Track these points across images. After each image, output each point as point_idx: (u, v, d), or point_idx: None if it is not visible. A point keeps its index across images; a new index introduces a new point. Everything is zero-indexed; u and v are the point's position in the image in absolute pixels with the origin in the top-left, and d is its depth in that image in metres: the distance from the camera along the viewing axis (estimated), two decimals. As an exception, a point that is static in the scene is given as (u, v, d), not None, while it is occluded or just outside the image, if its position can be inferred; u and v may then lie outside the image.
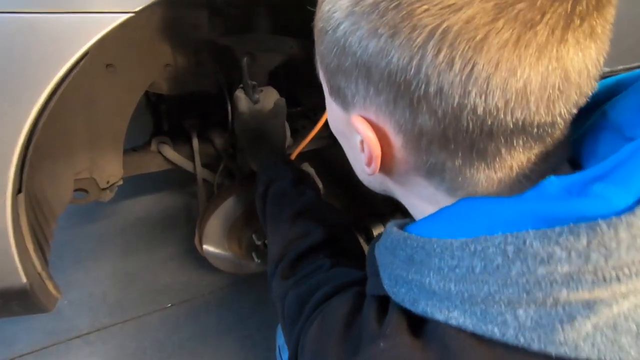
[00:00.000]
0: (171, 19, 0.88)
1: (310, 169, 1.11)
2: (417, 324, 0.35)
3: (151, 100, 1.23)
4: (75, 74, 0.53)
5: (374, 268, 0.43)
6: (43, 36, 0.49)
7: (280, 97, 0.97)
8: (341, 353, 0.39)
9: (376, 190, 0.48)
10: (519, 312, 0.30)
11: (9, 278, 0.64)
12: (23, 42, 0.49)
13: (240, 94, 0.95)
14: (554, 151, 0.34)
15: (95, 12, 0.49)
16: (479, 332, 0.31)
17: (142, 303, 1.41)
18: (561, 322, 0.29)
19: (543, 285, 0.29)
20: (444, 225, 0.36)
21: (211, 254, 1.23)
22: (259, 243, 1.13)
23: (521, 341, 0.30)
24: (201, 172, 1.18)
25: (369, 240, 1.24)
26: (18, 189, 0.60)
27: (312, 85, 0.41)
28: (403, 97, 0.32)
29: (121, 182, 1.06)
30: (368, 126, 0.36)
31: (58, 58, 0.51)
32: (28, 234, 0.65)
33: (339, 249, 0.65)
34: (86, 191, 1.01)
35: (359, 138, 0.38)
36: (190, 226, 1.61)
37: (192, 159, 1.16)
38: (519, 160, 0.34)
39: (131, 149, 1.13)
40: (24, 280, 0.65)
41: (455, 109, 0.30)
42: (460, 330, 0.32)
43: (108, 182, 1.02)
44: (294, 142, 1.13)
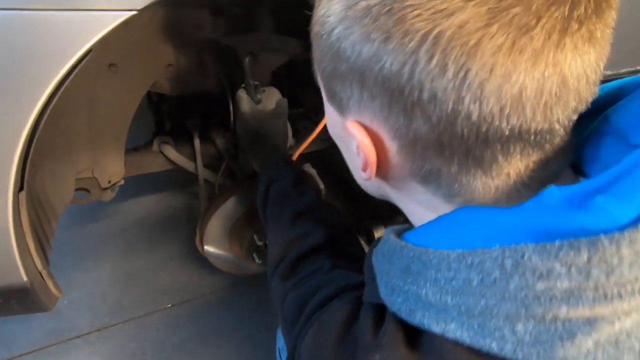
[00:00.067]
0: (174, 18, 0.88)
1: (311, 169, 1.11)
2: (414, 335, 0.35)
3: (153, 100, 1.23)
4: (77, 72, 0.53)
5: (371, 274, 0.42)
6: (46, 33, 0.49)
7: (282, 97, 0.97)
8: None
9: (374, 195, 0.47)
10: (518, 327, 0.29)
11: (9, 276, 0.64)
12: (25, 39, 0.49)
13: (242, 93, 0.95)
14: (554, 158, 0.34)
15: (98, 10, 0.49)
16: (476, 345, 0.31)
17: (142, 303, 1.40)
18: (561, 339, 0.28)
19: (542, 301, 0.28)
20: (441, 235, 0.36)
21: (212, 254, 1.23)
22: (260, 244, 1.13)
23: (520, 356, 0.29)
24: (203, 172, 1.18)
25: (370, 241, 1.24)
26: (20, 187, 0.60)
27: (314, 86, 0.41)
28: (397, 103, 0.31)
29: (123, 182, 1.06)
30: (363, 131, 0.35)
31: (61, 56, 0.50)
32: (29, 232, 0.65)
33: (340, 250, 0.65)
34: (88, 190, 1.01)
35: (355, 143, 0.37)
36: (191, 226, 1.61)
37: (194, 159, 1.16)
38: (516, 167, 0.33)
39: (133, 148, 1.13)
40: (25, 278, 0.65)
41: (450, 115, 0.30)
42: (457, 343, 0.32)
43: (109, 182, 1.02)
44: (296, 143, 1.13)
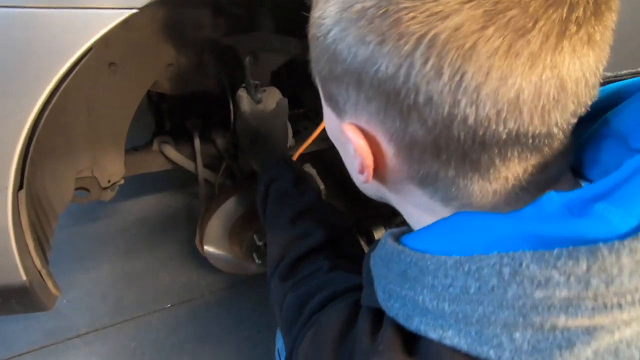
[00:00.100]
0: (174, 18, 0.88)
1: (312, 170, 1.11)
2: (411, 341, 0.35)
3: (153, 100, 1.23)
4: (77, 71, 0.53)
5: (369, 277, 0.42)
6: (45, 32, 0.49)
7: (282, 97, 0.97)
8: None
9: (373, 197, 0.47)
10: (516, 335, 0.29)
11: (8, 275, 0.64)
12: (25, 38, 0.49)
13: (242, 93, 0.95)
14: (553, 162, 0.33)
15: (99, 8, 0.49)
16: (473, 353, 0.30)
17: (142, 303, 1.40)
18: (560, 348, 0.28)
19: (540, 310, 0.28)
20: (439, 240, 0.35)
21: (212, 254, 1.23)
22: (260, 244, 1.13)
23: None
24: (203, 172, 1.18)
25: (370, 242, 1.24)
26: (19, 185, 0.60)
27: (314, 87, 0.41)
28: (393, 106, 0.31)
29: (122, 182, 1.06)
30: (360, 134, 0.35)
31: (61, 54, 0.50)
32: (28, 231, 0.65)
33: (340, 250, 0.64)
34: (87, 190, 1.01)
35: (351, 145, 0.37)
36: (191, 226, 1.61)
37: (194, 159, 1.16)
38: (514, 171, 0.33)
39: (133, 148, 1.13)
40: (24, 277, 0.65)
41: (446, 118, 0.29)
42: (454, 350, 0.31)
43: (109, 181, 1.02)
44: (296, 143, 1.13)
